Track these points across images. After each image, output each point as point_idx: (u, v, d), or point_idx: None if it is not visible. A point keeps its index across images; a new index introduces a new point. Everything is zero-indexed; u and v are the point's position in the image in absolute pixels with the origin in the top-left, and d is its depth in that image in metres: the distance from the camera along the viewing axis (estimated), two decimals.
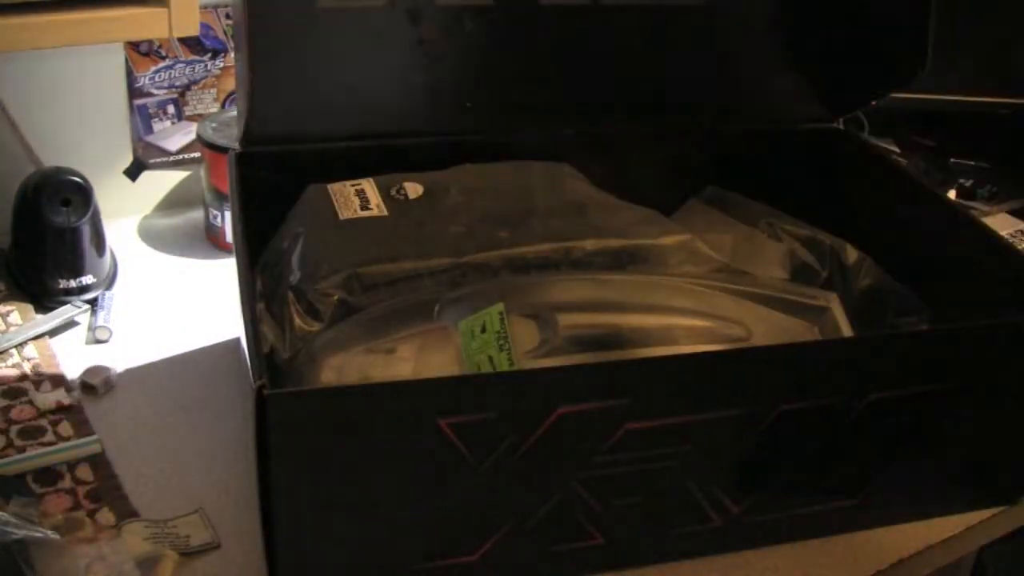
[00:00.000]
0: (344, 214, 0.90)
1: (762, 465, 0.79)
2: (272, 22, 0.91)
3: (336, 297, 0.84)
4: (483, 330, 0.78)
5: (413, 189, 0.92)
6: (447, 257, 0.86)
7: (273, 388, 0.65)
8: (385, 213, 0.90)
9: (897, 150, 1.40)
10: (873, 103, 1.08)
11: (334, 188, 0.92)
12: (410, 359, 0.80)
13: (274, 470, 0.68)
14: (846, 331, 0.88)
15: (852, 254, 0.97)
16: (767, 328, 0.86)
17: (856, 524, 0.86)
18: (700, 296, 0.87)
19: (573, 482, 0.75)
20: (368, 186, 0.93)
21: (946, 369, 0.80)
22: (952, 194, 1.36)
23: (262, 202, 0.91)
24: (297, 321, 0.84)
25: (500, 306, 0.79)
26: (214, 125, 1.12)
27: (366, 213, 0.90)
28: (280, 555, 0.71)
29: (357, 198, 0.91)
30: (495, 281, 0.83)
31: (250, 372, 0.68)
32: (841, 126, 1.08)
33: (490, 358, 0.78)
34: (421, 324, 0.82)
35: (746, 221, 1.02)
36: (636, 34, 1.02)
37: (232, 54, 1.16)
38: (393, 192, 0.92)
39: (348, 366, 0.80)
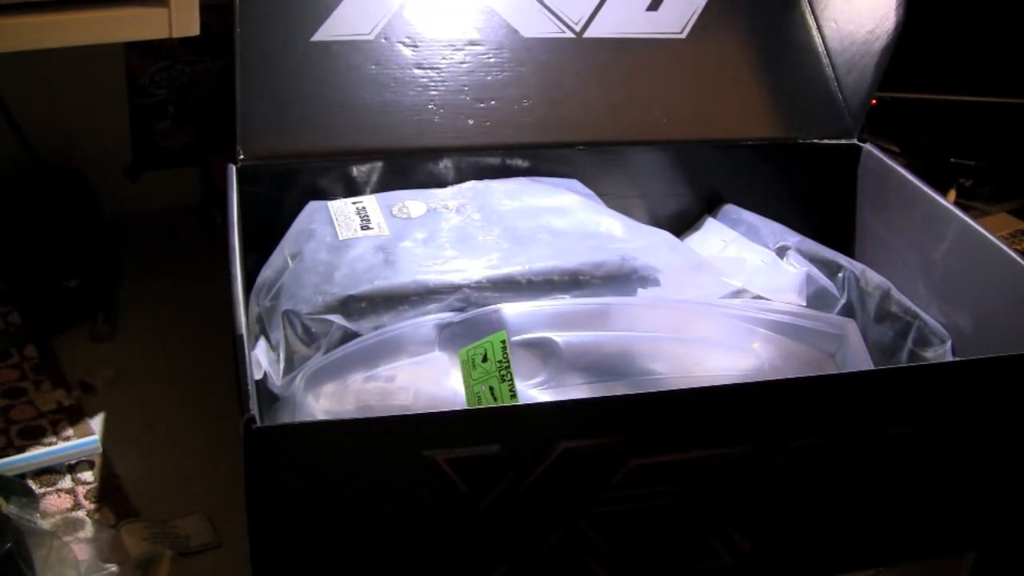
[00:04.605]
0: (344, 234, 0.87)
1: (774, 501, 0.76)
2: (267, 48, 0.92)
3: (333, 322, 0.80)
4: (484, 359, 0.75)
5: (416, 207, 0.90)
6: (450, 280, 0.83)
7: (265, 416, 0.64)
8: (387, 232, 0.87)
9: (897, 150, 1.40)
10: (873, 102, 1.07)
11: (334, 206, 0.90)
12: (409, 388, 0.77)
13: (264, 504, 0.66)
14: (864, 361, 0.85)
15: (872, 279, 0.94)
16: (781, 357, 0.82)
17: (873, 561, 0.83)
18: (713, 323, 0.83)
19: (576, 519, 0.72)
20: (370, 204, 0.90)
21: (968, 403, 0.77)
22: (952, 194, 1.36)
23: (262, 219, 0.89)
24: (293, 346, 0.81)
25: (502, 334, 0.75)
26: None
27: (367, 232, 0.87)
28: None
29: (358, 216, 0.88)
30: (498, 307, 0.79)
31: (240, 402, 0.65)
32: (859, 141, 1.05)
33: (491, 389, 0.74)
34: (422, 351, 0.79)
35: (763, 242, 0.99)
36: (621, 63, 1.02)
37: None
38: (395, 210, 0.89)
39: (345, 394, 0.77)
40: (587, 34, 1.02)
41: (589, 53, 1.02)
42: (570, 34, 1.02)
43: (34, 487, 0.84)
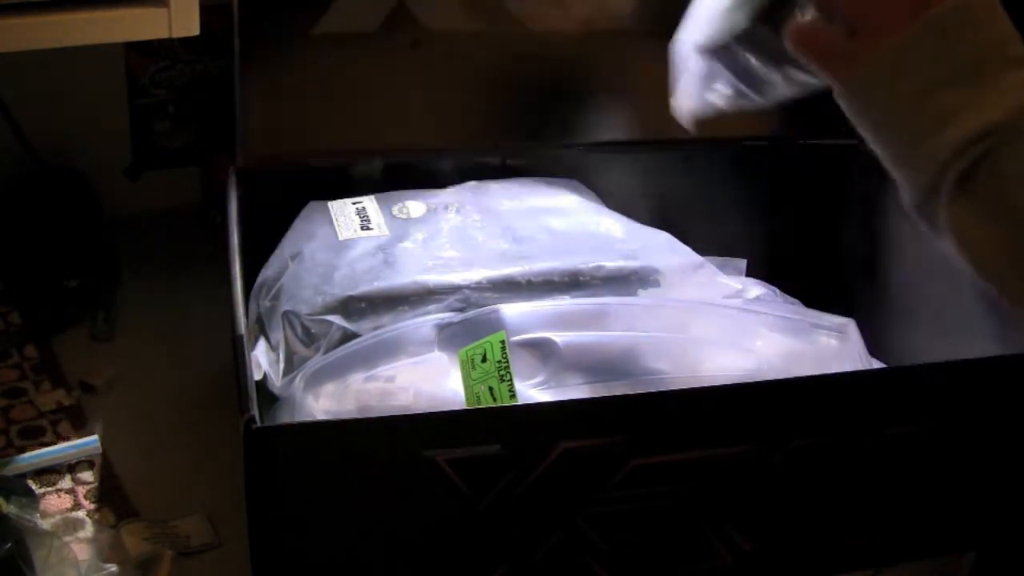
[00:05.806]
0: (344, 234, 0.87)
1: (774, 501, 0.77)
2: (269, 42, 0.91)
3: (333, 322, 0.80)
4: (484, 359, 0.75)
5: (416, 208, 0.90)
6: (450, 280, 0.83)
7: (265, 416, 0.64)
8: (386, 233, 0.87)
9: None
10: None
11: (334, 206, 0.90)
12: (409, 388, 0.77)
13: (264, 504, 0.67)
14: (864, 360, 0.85)
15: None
16: (781, 357, 0.82)
17: (873, 561, 0.83)
18: (713, 323, 0.83)
19: (576, 519, 0.72)
20: (370, 204, 0.90)
21: (968, 403, 0.77)
22: None
23: (262, 219, 0.89)
24: (292, 346, 0.81)
25: (502, 334, 0.75)
26: None
27: (367, 232, 0.87)
28: None
29: (358, 216, 0.88)
30: (497, 307, 0.79)
31: (240, 402, 0.66)
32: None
33: (491, 389, 0.74)
34: (421, 352, 0.79)
35: None
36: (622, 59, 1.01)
37: None
38: (395, 211, 0.89)
39: (345, 395, 0.77)
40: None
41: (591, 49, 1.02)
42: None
43: (34, 487, 0.84)
